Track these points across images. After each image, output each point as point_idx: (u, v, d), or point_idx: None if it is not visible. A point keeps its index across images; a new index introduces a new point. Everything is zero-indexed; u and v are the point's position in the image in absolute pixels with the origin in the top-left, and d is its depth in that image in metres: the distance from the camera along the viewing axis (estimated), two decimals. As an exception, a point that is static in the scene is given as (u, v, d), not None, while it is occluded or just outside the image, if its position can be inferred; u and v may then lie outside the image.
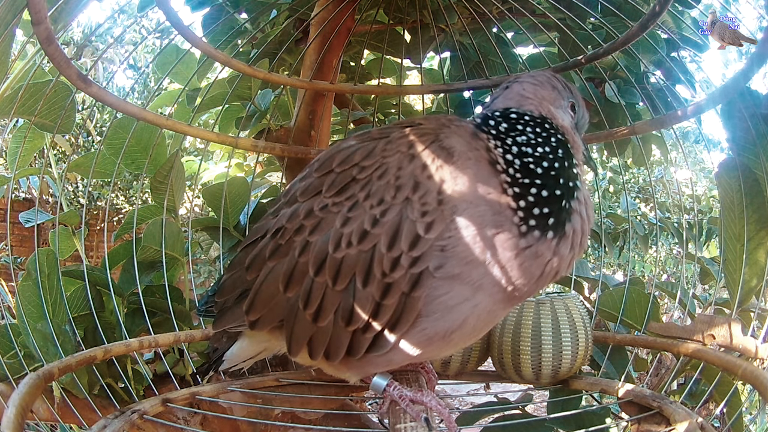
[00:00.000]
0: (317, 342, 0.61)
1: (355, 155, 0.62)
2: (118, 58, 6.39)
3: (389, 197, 0.58)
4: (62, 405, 0.92)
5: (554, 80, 0.70)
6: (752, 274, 0.91)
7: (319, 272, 0.59)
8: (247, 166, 1.99)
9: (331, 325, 0.59)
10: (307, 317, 0.60)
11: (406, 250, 0.56)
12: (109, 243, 1.06)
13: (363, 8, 1.23)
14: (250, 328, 0.66)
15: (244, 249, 0.68)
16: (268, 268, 0.63)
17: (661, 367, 1.19)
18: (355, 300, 0.58)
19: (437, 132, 0.62)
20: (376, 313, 0.57)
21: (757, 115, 0.87)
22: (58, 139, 1.63)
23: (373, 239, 0.57)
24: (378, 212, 0.57)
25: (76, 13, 0.86)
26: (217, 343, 0.77)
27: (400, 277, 0.56)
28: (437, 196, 0.57)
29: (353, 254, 0.58)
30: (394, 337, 0.59)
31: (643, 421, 0.80)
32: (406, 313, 0.57)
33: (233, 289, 0.68)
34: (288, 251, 0.62)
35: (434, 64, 1.76)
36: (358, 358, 0.60)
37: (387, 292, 0.57)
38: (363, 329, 0.58)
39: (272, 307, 0.63)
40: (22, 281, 0.93)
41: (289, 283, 0.61)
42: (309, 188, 0.64)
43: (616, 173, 3.53)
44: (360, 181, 0.60)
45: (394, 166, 0.59)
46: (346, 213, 0.59)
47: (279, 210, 0.66)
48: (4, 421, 0.57)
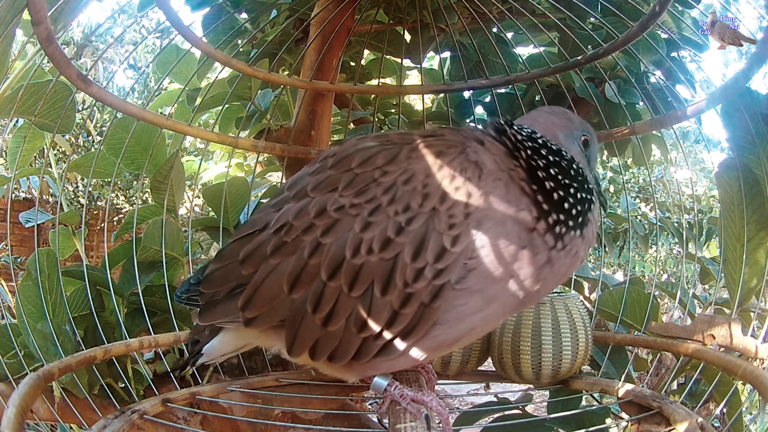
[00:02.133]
0: (323, 345, 0.59)
1: (377, 157, 0.60)
2: (118, 58, 6.40)
3: (416, 204, 0.56)
4: (62, 405, 0.92)
5: (570, 113, 0.71)
6: (752, 274, 0.91)
7: (333, 277, 0.57)
8: (247, 166, 2.00)
9: (342, 331, 0.58)
10: (315, 321, 0.58)
11: (431, 261, 0.55)
12: (109, 243, 1.06)
13: (363, 8, 1.23)
14: (246, 325, 0.63)
15: (237, 241, 0.65)
16: (270, 265, 0.61)
17: (661, 367, 1.19)
18: (371, 307, 0.56)
19: (464, 145, 0.61)
20: (392, 321, 0.56)
21: (757, 115, 0.87)
22: (58, 139, 1.63)
23: (396, 248, 0.56)
24: (403, 220, 0.56)
25: (76, 13, 0.86)
26: (198, 336, 0.73)
27: (422, 288, 0.55)
28: (464, 210, 0.56)
29: (374, 261, 0.56)
30: (405, 345, 0.58)
31: (643, 421, 0.80)
32: (423, 322, 0.56)
33: (225, 282, 0.65)
34: (294, 250, 0.59)
35: (434, 64, 1.76)
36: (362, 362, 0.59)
37: (407, 302, 0.56)
38: (375, 336, 0.57)
39: (274, 306, 0.60)
40: (22, 281, 0.93)
41: (296, 284, 0.59)
42: (322, 184, 0.61)
43: (616, 173, 3.53)
44: (383, 184, 0.58)
45: (421, 173, 0.58)
46: (367, 217, 0.57)
47: (282, 203, 0.64)
48: (4, 421, 0.57)
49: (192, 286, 0.70)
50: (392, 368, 0.64)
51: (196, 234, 1.23)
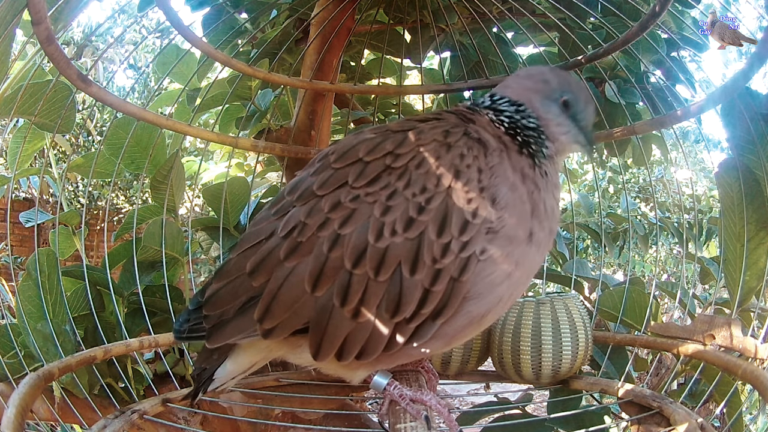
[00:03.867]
0: (353, 340, 0.58)
1: (385, 144, 0.61)
2: (118, 58, 6.40)
3: (431, 185, 0.58)
4: (62, 405, 0.92)
5: (550, 74, 0.70)
6: (752, 274, 0.91)
7: (358, 264, 0.57)
8: (247, 166, 2.00)
9: (372, 321, 0.57)
10: (345, 314, 0.57)
11: (456, 235, 0.56)
12: (109, 243, 1.06)
13: (363, 8, 1.23)
14: (264, 337, 0.61)
15: (240, 255, 0.64)
16: (286, 269, 0.59)
17: (661, 367, 1.19)
18: (401, 289, 0.57)
19: (465, 125, 0.64)
20: (424, 301, 0.57)
21: (757, 115, 0.87)
22: (58, 139, 1.63)
23: (420, 226, 0.57)
24: (423, 200, 0.57)
25: (76, 13, 0.86)
26: (205, 363, 0.69)
27: (450, 262, 0.56)
28: (478, 185, 0.58)
29: (399, 242, 0.57)
30: (439, 323, 0.58)
31: (643, 421, 0.80)
32: (454, 297, 0.57)
33: (233, 299, 0.62)
34: (311, 248, 0.59)
35: (434, 64, 1.76)
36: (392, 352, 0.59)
37: (437, 279, 0.57)
38: (409, 319, 0.57)
39: (296, 310, 0.59)
40: (22, 281, 0.93)
41: (319, 281, 0.58)
42: (329, 180, 0.61)
43: (616, 173, 3.53)
44: (396, 170, 0.59)
45: (432, 155, 0.60)
46: (385, 201, 0.58)
47: (285, 209, 0.63)
48: (4, 421, 0.57)
49: (192, 313, 0.66)
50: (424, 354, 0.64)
51: (196, 234, 1.23)
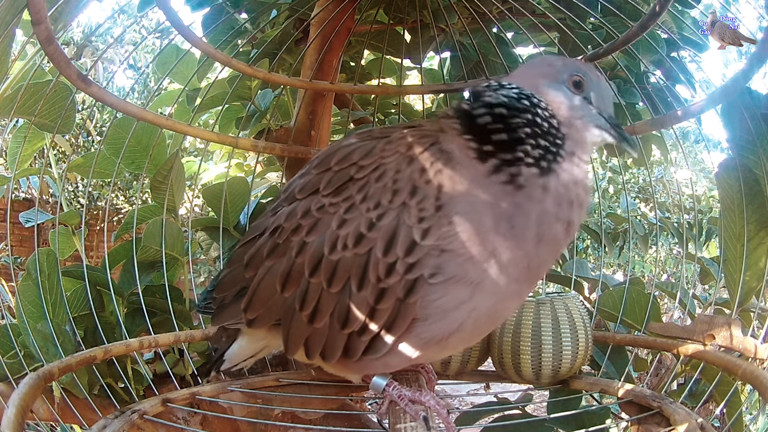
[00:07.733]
0: (313, 343, 0.61)
1: (354, 154, 0.61)
2: (118, 58, 6.39)
3: (386, 201, 0.57)
4: (62, 405, 0.92)
5: (554, 58, 0.68)
6: (752, 275, 0.91)
7: (314, 273, 0.59)
8: (247, 166, 1.99)
9: (327, 327, 0.59)
10: (303, 318, 0.60)
11: (402, 256, 0.55)
12: (109, 243, 1.06)
13: (363, 8, 1.23)
14: (248, 325, 0.66)
15: (244, 245, 0.68)
16: (266, 267, 0.63)
17: (661, 367, 1.19)
18: (350, 303, 0.57)
19: (437, 134, 0.60)
20: (371, 316, 0.57)
21: (757, 115, 0.87)
22: (58, 139, 1.63)
23: (368, 243, 0.56)
24: (374, 216, 0.57)
25: (76, 13, 0.86)
26: (217, 343, 0.77)
27: (395, 282, 0.55)
28: (435, 202, 0.55)
29: (349, 257, 0.57)
30: (390, 340, 0.58)
31: (643, 421, 0.80)
32: (401, 318, 0.57)
33: (232, 286, 0.68)
34: (285, 251, 0.62)
35: (434, 64, 1.76)
36: (354, 360, 0.60)
37: (381, 297, 0.56)
38: (359, 332, 0.58)
39: (270, 306, 0.63)
40: (22, 281, 0.93)
41: (286, 283, 0.61)
42: (307, 186, 0.63)
43: (616, 173, 3.53)
44: (358, 182, 0.59)
45: (392, 169, 0.58)
46: (343, 215, 0.58)
47: (278, 208, 0.66)
48: (4, 421, 0.57)
49: (209, 293, 0.73)
50: (387, 368, 0.64)
51: (196, 234, 1.23)
